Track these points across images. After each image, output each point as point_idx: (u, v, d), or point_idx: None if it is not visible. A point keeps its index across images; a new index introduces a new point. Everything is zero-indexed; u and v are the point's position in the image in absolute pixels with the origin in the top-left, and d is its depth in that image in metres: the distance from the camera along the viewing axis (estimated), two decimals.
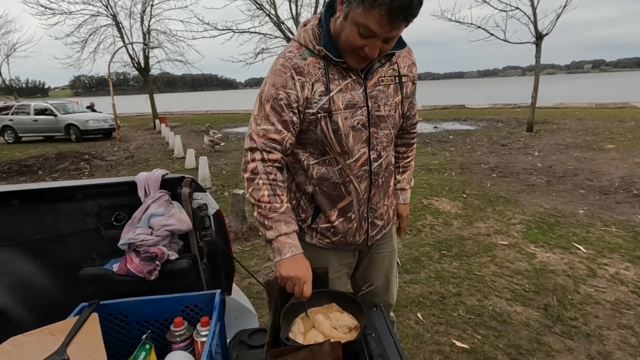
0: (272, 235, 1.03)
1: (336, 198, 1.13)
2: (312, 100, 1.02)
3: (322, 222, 1.16)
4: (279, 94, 1.01)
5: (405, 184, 1.37)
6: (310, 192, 1.13)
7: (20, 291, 1.29)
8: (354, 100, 1.04)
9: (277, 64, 1.03)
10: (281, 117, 1.03)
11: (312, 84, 1.02)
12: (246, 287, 2.74)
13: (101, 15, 15.22)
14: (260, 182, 1.03)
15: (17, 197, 1.29)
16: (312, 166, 1.11)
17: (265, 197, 1.02)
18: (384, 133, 1.11)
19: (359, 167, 1.10)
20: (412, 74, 1.16)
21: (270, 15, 11.29)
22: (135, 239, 1.20)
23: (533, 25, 9.27)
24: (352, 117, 1.04)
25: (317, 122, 1.04)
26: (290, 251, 1.02)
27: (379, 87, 1.07)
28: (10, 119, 13.55)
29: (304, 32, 1.05)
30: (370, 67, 1.05)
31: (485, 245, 3.25)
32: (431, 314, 2.32)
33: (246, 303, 1.56)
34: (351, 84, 1.04)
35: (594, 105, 16.24)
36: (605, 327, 2.13)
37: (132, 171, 7.37)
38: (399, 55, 1.12)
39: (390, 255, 1.33)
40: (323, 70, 1.02)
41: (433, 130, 11.23)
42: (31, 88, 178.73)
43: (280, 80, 1.01)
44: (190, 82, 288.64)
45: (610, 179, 5.13)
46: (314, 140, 1.08)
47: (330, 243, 1.19)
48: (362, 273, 1.33)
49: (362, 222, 1.18)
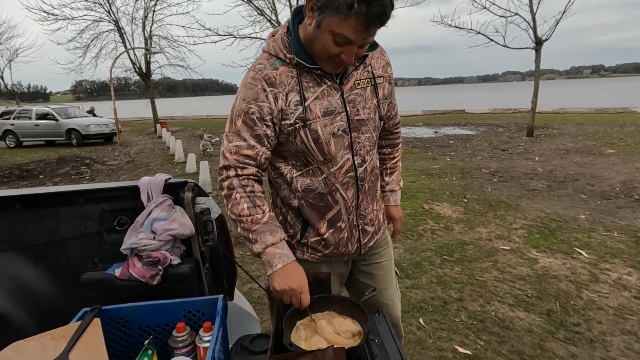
0: (259, 249, 1.00)
1: (323, 209, 1.09)
2: (287, 111, 0.99)
3: (312, 235, 1.12)
4: (250, 107, 0.98)
5: (395, 185, 1.34)
6: (296, 206, 1.10)
7: (22, 296, 1.28)
8: (331, 107, 1.02)
9: (248, 77, 1.01)
10: (254, 132, 1.00)
11: (286, 94, 0.99)
12: (247, 292, 2.73)
13: (103, 21, 15.34)
14: (237, 196, 1.00)
15: (20, 202, 1.29)
16: (295, 179, 1.08)
17: (245, 210, 0.99)
18: (366, 137, 1.09)
19: (344, 174, 1.07)
20: (387, 74, 1.14)
21: (271, 20, 11.37)
22: (138, 243, 1.19)
23: (532, 30, 9.32)
24: (332, 124, 1.02)
25: (295, 132, 1.01)
26: (281, 261, 0.98)
27: (355, 90, 1.05)
28: (11, 123, 13.60)
29: (273, 42, 1.02)
30: (345, 71, 1.04)
31: (487, 250, 3.24)
32: (433, 320, 2.30)
33: (248, 308, 1.55)
34: (327, 90, 1.02)
35: (594, 110, 16.28)
36: (609, 333, 2.11)
37: (133, 176, 7.38)
38: (372, 57, 1.10)
39: (388, 264, 1.30)
40: (296, 78, 0.99)
41: (433, 135, 11.25)
42: (33, 93, 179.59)
43: (251, 93, 0.99)
44: (191, 87, 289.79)
45: (611, 183, 5.13)
46: (294, 152, 1.05)
47: (322, 256, 1.15)
48: (361, 283, 1.28)
49: (353, 231, 1.14)
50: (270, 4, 11.31)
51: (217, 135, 12.56)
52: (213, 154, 9.20)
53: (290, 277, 0.97)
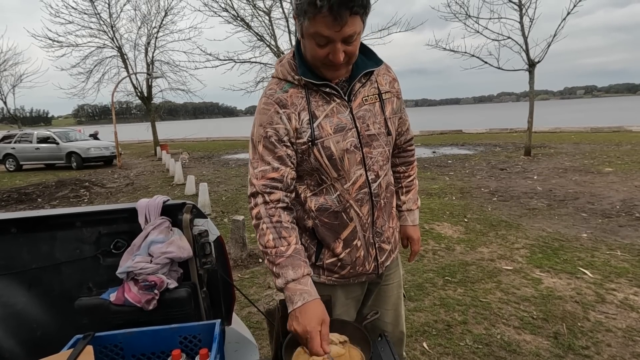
0: (281, 284, 0.96)
1: (338, 227, 1.08)
2: (300, 129, 1.02)
3: (327, 257, 1.11)
4: (267, 131, 1.01)
5: (412, 204, 1.32)
6: (310, 227, 1.09)
7: (13, 323, 1.24)
8: (342, 124, 1.03)
9: (261, 103, 1.04)
10: (276, 154, 1.01)
11: (298, 114, 1.01)
12: (246, 317, 2.65)
13: (107, 47, 15.74)
14: (264, 226, 0.99)
15: (15, 225, 1.27)
16: (309, 198, 1.08)
17: (270, 241, 0.98)
18: (378, 152, 1.09)
19: (357, 190, 1.07)
20: (394, 89, 1.15)
21: (271, 46, 11.70)
22: (134, 267, 1.17)
23: (525, 53, 9.57)
24: (344, 140, 1.03)
25: (309, 150, 1.02)
26: (301, 299, 0.93)
27: (364, 107, 1.07)
28: (12, 147, 13.69)
29: (281, 67, 1.06)
30: (352, 88, 1.06)
31: (490, 271, 3.19)
32: (437, 344, 2.24)
33: (246, 333, 1.50)
34: (336, 107, 1.04)
35: (589, 129, 16.49)
36: (619, 356, 2.05)
37: (132, 198, 7.35)
38: (378, 74, 1.13)
39: (397, 287, 1.28)
40: (306, 99, 1.02)
41: (432, 155, 11.32)
42: (35, 117, 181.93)
43: (266, 118, 1.01)
44: (191, 110, 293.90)
45: (611, 202, 5.12)
46: (309, 170, 1.06)
47: (340, 278, 1.13)
48: (369, 309, 1.25)
49: (370, 249, 1.13)
50: (270, 30, 11.67)
51: (220, 157, 12.60)
52: (187, 165, 11.31)
53: (306, 316, 0.91)
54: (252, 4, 11.33)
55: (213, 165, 11.90)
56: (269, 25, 11.58)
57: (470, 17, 9.91)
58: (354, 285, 1.17)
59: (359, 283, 1.18)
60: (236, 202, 6.32)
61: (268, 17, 11.50)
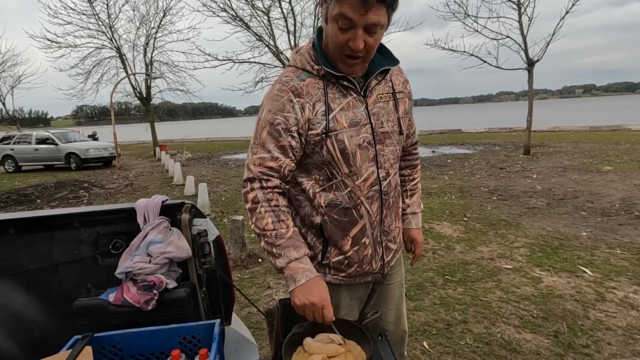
0: (283, 263, 0.98)
1: (348, 225, 1.07)
2: (314, 120, 1.00)
3: (334, 255, 1.09)
4: (276, 118, 0.99)
5: (416, 207, 1.33)
6: (318, 224, 1.07)
7: (11, 324, 1.24)
8: (357, 118, 1.03)
9: (274, 89, 1.02)
10: (279, 143, 1.00)
11: (313, 104, 1.00)
12: (245, 317, 2.65)
13: (105, 47, 15.73)
14: (262, 210, 0.99)
15: (13, 226, 1.27)
16: (318, 194, 1.06)
17: (269, 224, 0.98)
18: (390, 150, 1.09)
19: (369, 187, 1.06)
20: (407, 90, 1.17)
21: (270, 46, 11.70)
22: (133, 267, 1.16)
23: (524, 52, 9.58)
24: (358, 135, 1.02)
25: (322, 142, 1.01)
26: (304, 276, 0.96)
27: (379, 104, 1.07)
28: (11, 148, 13.67)
29: (300, 56, 1.05)
30: (368, 85, 1.06)
31: (490, 270, 3.19)
32: (437, 343, 2.23)
33: (246, 333, 1.50)
34: (352, 102, 1.03)
35: (588, 128, 16.50)
36: (619, 354, 2.05)
37: (131, 199, 7.34)
38: (392, 74, 1.14)
39: (399, 286, 1.28)
40: (323, 90, 1.01)
41: (431, 155, 11.32)
42: (34, 118, 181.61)
43: (278, 104, 0.99)
44: (190, 111, 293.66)
45: (610, 200, 5.12)
46: (319, 164, 1.05)
47: (346, 276, 1.12)
48: (371, 308, 1.24)
49: (377, 247, 1.12)
50: (269, 30, 11.67)
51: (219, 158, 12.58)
52: (186, 164, 11.49)
53: (311, 292, 0.95)
54: (251, 4, 11.34)
55: (212, 165, 11.90)
56: (268, 25, 11.60)
57: (469, 16, 9.94)
58: (359, 285, 1.17)
59: (364, 283, 1.18)
60: (235, 203, 6.31)
61: (267, 17, 11.51)
